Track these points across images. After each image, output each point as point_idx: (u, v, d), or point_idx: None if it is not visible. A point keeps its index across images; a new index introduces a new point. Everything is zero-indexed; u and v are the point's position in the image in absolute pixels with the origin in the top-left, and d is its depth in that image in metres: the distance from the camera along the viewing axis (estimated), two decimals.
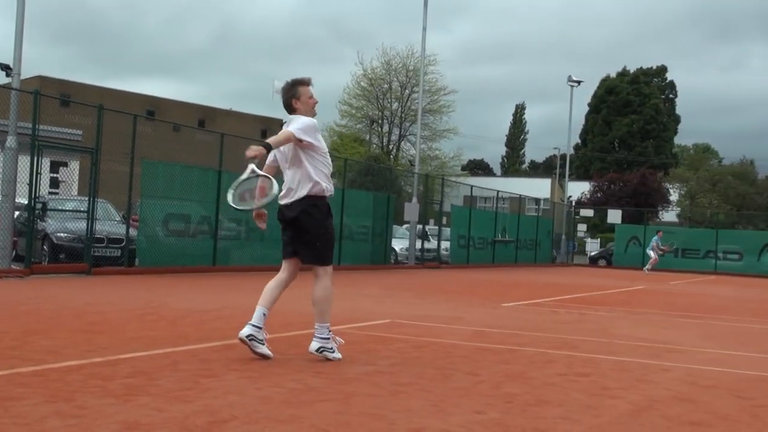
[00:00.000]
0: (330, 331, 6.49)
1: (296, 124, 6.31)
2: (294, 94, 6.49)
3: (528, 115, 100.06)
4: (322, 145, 6.49)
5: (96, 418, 4.22)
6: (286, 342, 7.46)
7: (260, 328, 6.29)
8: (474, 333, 9.04)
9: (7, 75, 15.59)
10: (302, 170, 6.38)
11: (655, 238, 33.52)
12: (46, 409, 4.36)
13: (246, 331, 6.28)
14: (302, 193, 6.38)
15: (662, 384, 6.29)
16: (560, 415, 4.96)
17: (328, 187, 6.47)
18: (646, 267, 32.98)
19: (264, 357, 6.30)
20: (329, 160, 6.55)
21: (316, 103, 6.55)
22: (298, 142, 6.29)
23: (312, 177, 6.36)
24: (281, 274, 6.57)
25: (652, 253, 32.98)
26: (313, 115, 6.52)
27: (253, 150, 5.94)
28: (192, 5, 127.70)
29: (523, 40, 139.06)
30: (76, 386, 4.98)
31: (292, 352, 6.83)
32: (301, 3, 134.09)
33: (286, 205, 6.47)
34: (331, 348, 6.45)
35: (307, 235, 6.44)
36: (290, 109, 6.52)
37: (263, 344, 6.32)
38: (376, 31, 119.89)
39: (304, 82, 6.53)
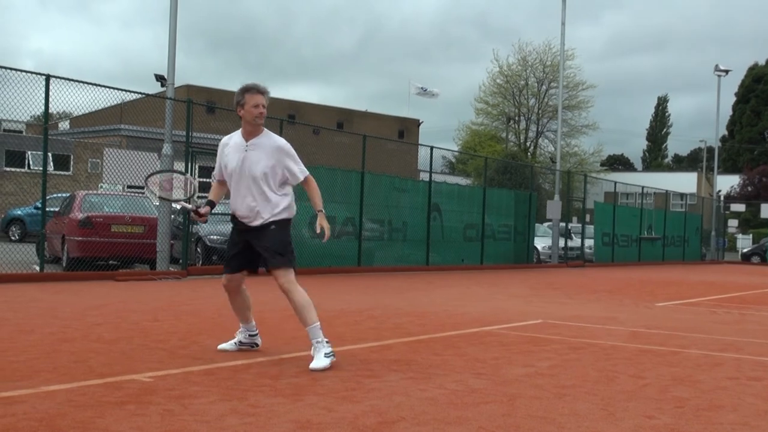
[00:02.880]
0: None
1: (296, 163, 6.58)
2: (239, 101, 6.01)
3: (671, 107, 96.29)
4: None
5: (270, 417, 4.32)
6: (441, 343, 7.47)
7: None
8: (631, 334, 8.76)
9: (162, 85, 16.36)
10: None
11: None
12: (222, 407, 4.50)
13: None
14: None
15: None
16: (738, 421, 4.73)
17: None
18: None
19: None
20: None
21: (262, 114, 5.99)
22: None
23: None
24: None
25: None
26: (253, 126, 6.04)
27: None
28: (339, 8, 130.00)
29: (669, 31, 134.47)
30: (246, 385, 5.13)
31: (448, 353, 6.82)
32: (447, 1, 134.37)
33: None
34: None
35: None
36: (238, 116, 6.12)
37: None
38: (522, 27, 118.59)
39: (252, 89, 6.00)
